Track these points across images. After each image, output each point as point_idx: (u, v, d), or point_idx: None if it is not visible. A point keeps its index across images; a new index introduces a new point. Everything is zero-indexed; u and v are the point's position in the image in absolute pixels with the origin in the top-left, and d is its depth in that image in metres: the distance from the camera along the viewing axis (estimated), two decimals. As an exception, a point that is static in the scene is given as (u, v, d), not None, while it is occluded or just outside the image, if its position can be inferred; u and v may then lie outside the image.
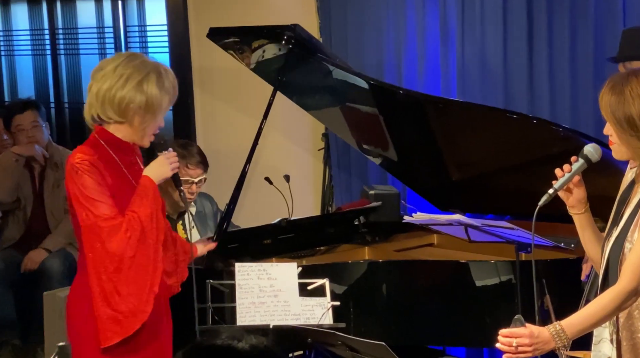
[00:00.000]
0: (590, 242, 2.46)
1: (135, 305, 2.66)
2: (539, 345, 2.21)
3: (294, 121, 4.94)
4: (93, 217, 2.64)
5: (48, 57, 6.21)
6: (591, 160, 2.38)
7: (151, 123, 2.72)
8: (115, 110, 2.68)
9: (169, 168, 2.79)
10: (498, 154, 3.78)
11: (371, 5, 4.71)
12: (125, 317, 2.66)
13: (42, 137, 4.85)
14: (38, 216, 4.86)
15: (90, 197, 2.64)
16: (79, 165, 2.66)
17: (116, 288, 2.65)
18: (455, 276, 3.48)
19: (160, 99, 2.70)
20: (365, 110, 4.06)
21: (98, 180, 2.66)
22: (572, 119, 4.22)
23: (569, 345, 2.24)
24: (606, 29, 4.13)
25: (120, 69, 2.69)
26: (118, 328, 2.66)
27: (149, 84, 2.68)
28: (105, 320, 2.66)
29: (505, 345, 2.21)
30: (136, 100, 2.67)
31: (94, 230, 2.64)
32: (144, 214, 2.68)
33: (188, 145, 3.85)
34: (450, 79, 4.52)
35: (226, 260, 3.46)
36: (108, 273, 2.64)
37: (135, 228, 2.65)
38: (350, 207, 4.24)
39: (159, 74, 2.71)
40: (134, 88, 2.67)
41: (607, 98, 2.27)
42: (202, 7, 5.22)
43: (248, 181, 3.74)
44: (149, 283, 2.69)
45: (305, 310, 3.05)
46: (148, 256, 2.69)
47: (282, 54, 3.89)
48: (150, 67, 2.71)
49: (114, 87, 2.67)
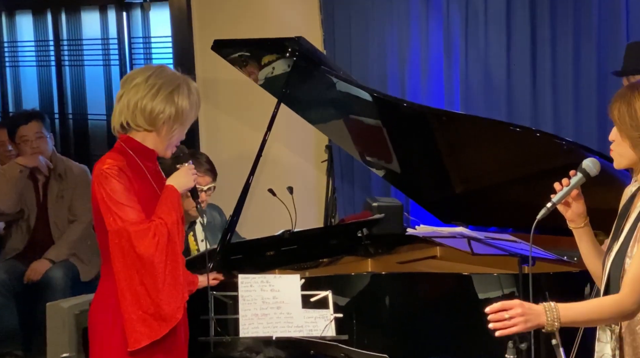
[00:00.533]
0: (590, 256, 2.46)
1: (166, 310, 2.67)
2: (530, 317, 2.19)
3: (298, 133, 4.95)
4: (121, 221, 2.66)
5: (53, 68, 6.23)
6: (590, 174, 2.40)
7: (177, 134, 2.81)
8: (146, 118, 2.75)
9: (192, 179, 2.85)
10: (501, 167, 3.78)
11: (375, 18, 4.72)
12: (155, 319, 2.67)
13: (46, 148, 4.86)
14: (42, 227, 4.87)
15: (119, 201, 2.67)
16: (109, 170, 2.70)
17: (148, 292, 2.66)
18: (458, 289, 3.48)
19: (189, 110, 2.79)
20: (368, 122, 4.07)
21: (126, 185, 2.70)
22: (575, 131, 4.23)
23: (558, 325, 2.21)
24: (609, 42, 4.15)
25: (152, 79, 2.76)
26: (148, 331, 2.67)
27: (180, 95, 2.76)
28: (136, 321, 2.66)
29: (497, 320, 2.20)
30: (166, 111, 2.74)
31: (122, 235, 2.66)
32: (170, 221, 2.71)
33: (196, 154, 3.92)
34: (453, 92, 4.54)
35: (229, 271, 3.46)
36: (140, 276, 2.66)
37: (162, 234, 2.68)
38: (354, 219, 4.25)
39: (188, 86, 2.80)
40: (165, 99, 2.74)
41: (617, 99, 2.30)
42: (207, 19, 5.25)
43: (251, 192, 3.74)
44: (180, 289, 2.71)
45: (308, 322, 3.05)
46: (177, 262, 2.71)
47: (286, 66, 3.91)
48: (180, 79, 2.80)
49: (145, 97, 2.74)
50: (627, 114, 2.28)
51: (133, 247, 2.65)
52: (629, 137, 2.29)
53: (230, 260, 3.55)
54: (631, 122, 2.28)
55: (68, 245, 4.77)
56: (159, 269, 2.66)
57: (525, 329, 2.21)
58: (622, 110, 2.29)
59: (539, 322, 2.21)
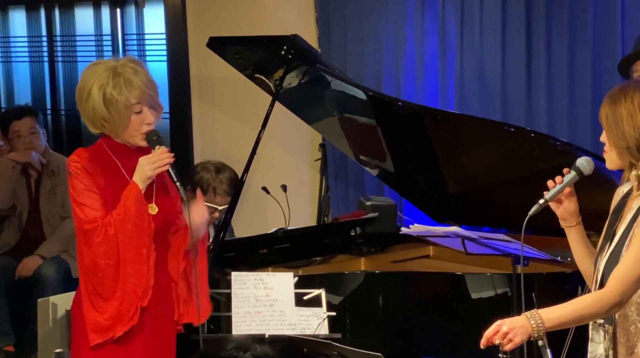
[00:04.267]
0: (582, 255, 2.46)
1: (117, 310, 2.67)
2: (516, 329, 2.20)
3: (292, 131, 4.94)
4: (78, 219, 2.69)
5: (45, 64, 6.20)
6: (583, 172, 2.39)
7: (127, 120, 2.69)
8: (89, 124, 2.74)
9: (148, 168, 2.70)
10: (495, 167, 3.78)
11: (370, 17, 4.72)
12: (105, 320, 2.68)
13: (39, 144, 4.85)
14: (33, 223, 4.85)
15: (77, 200, 2.69)
16: (70, 167, 2.72)
17: (97, 291, 2.68)
18: (451, 288, 3.48)
19: (110, 94, 2.67)
20: (363, 121, 4.07)
21: (85, 182, 2.69)
22: (570, 131, 4.24)
23: (544, 329, 2.21)
24: (605, 43, 4.15)
25: (79, 86, 2.74)
26: (101, 331, 2.69)
27: (95, 88, 2.68)
28: (89, 320, 2.69)
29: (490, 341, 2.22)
30: (97, 108, 2.69)
31: (79, 233, 2.70)
32: (118, 220, 2.67)
33: (222, 171, 3.80)
34: (448, 91, 4.54)
35: (223, 269, 3.45)
36: (89, 276, 2.68)
37: (108, 234, 2.65)
38: (347, 217, 4.25)
39: (110, 72, 2.69)
40: (86, 99, 2.70)
41: (605, 104, 2.29)
42: (202, 16, 5.23)
43: (245, 191, 3.74)
44: (130, 290, 2.69)
45: (301, 320, 3.05)
46: (139, 256, 2.69)
47: (281, 64, 3.90)
48: (98, 72, 2.70)
49: (79, 104, 2.73)
50: (613, 122, 2.26)
51: (87, 246, 2.67)
52: (616, 146, 2.28)
53: (223, 257, 3.55)
54: (617, 131, 2.25)
55: (60, 242, 4.76)
56: (106, 272, 2.66)
57: (522, 340, 2.21)
58: (609, 117, 2.27)
59: (525, 332, 2.21)
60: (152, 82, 2.76)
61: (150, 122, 2.73)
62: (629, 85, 2.30)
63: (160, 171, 2.73)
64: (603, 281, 2.32)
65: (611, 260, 2.31)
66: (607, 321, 2.35)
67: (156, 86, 2.78)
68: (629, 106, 2.23)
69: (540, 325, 2.21)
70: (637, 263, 2.22)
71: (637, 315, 2.29)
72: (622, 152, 2.26)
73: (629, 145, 2.24)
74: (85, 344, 2.73)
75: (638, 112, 2.23)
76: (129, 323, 2.69)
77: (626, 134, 2.23)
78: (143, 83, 2.70)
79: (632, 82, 2.37)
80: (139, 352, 2.76)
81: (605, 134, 2.30)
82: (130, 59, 2.75)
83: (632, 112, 2.23)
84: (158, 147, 2.73)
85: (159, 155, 2.71)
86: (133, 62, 2.74)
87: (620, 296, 2.23)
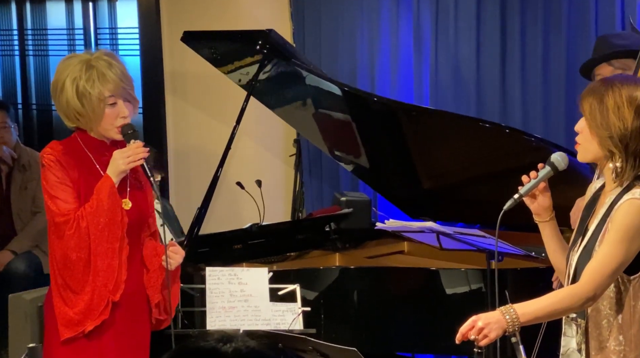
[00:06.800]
0: (555, 250, 2.47)
1: (88, 305, 2.65)
2: (491, 325, 2.22)
3: (266, 127, 4.93)
4: (50, 212, 2.67)
5: (16, 57, 6.14)
6: (557, 168, 2.40)
7: (95, 113, 2.66)
8: (64, 117, 2.71)
9: (122, 162, 2.67)
10: (470, 163, 3.80)
11: (345, 12, 4.71)
12: (75, 314, 2.66)
13: (10, 139, 4.82)
14: (4, 218, 4.81)
15: (50, 192, 2.67)
16: (43, 160, 2.69)
17: (67, 284, 2.66)
18: (426, 283, 3.49)
19: (83, 87, 2.64)
20: (337, 116, 4.06)
21: (58, 175, 2.67)
22: (544, 127, 4.26)
23: (519, 324, 2.23)
24: (579, 39, 4.18)
25: (54, 80, 2.72)
26: (71, 325, 2.67)
27: (68, 82, 2.66)
28: (59, 314, 2.67)
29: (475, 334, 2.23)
30: (70, 102, 2.66)
31: (50, 226, 2.68)
32: (90, 213, 2.64)
33: None
34: (423, 87, 4.54)
35: (196, 264, 3.43)
36: (60, 269, 2.66)
37: (80, 227, 2.63)
38: (322, 213, 4.24)
39: (83, 66, 2.67)
40: (60, 93, 2.68)
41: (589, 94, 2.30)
42: (175, 11, 5.19)
43: (220, 186, 3.72)
44: (101, 284, 2.66)
45: (275, 315, 3.04)
46: (103, 256, 2.66)
47: (256, 59, 3.88)
48: (71, 66, 2.68)
49: (54, 98, 2.70)
50: (599, 111, 2.27)
51: (57, 239, 2.65)
52: (598, 135, 2.28)
53: (197, 253, 3.53)
54: (602, 120, 2.26)
55: (31, 237, 4.72)
56: (77, 266, 2.64)
57: (497, 336, 2.23)
58: (593, 106, 2.28)
59: (500, 327, 2.22)
60: (127, 75, 2.73)
61: (125, 115, 2.70)
62: (614, 80, 2.33)
63: (135, 165, 2.70)
64: (576, 276, 2.33)
65: (584, 255, 2.32)
66: (579, 315, 2.36)
67: (131, 80, 2.76)
68: (616, 98, 2.26)
69: (515, 320, 2.22)
70: (610, 258, 2.24)
71: (610, 309, 2.31)
72: (604, 141, 2.27)
73: (612, 134, 2.26)
74: (57, 339, 2.70)
75: (625, 105, 2.25)
76: (100, 318, 2.67)
77: (610, 124, 2.25)
78: (117, 76, 2.67)
79: (616, 77, 2.41)
80: (110, 347, 2.73)
81: (587, 123, 2.30)
82: (105, 52, 2.73)
83: (620, 104, 2.26)
84: (133, 141, 2.70)
85: (133, 149, 2.68)
86: (108, 56, 2.71)
87: (593, 290, 2.25)
